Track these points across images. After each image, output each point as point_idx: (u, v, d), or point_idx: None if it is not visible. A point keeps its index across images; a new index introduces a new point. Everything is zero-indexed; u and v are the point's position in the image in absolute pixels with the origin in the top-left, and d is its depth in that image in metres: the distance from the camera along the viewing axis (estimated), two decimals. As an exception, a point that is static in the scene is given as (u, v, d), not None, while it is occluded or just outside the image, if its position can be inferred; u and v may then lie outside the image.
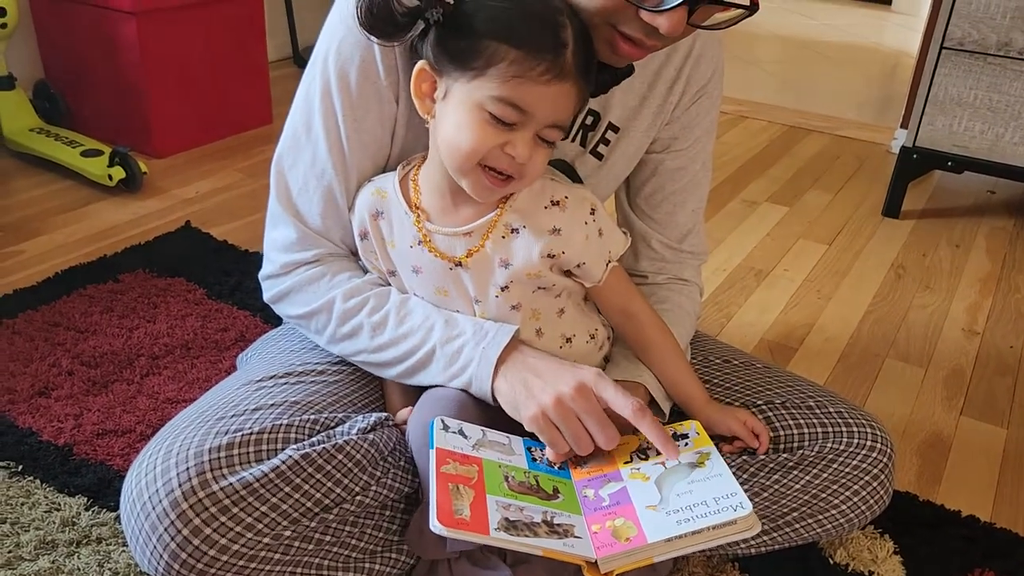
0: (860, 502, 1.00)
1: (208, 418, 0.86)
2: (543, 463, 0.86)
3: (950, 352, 1.66)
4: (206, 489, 0.78)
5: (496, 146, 0.81)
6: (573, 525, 0.79)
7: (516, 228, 0.88)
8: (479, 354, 0.87)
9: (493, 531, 0.74)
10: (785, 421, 1.01)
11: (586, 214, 0.89)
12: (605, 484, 0.84)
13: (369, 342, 0.92)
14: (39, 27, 2.29)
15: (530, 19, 0.79)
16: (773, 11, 4.45)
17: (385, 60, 0.89)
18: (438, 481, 0.76)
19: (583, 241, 0.89)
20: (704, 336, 1.17)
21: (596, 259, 0.91)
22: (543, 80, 0.79)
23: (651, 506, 0.79)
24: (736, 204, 2.24)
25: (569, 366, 0.87)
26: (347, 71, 0.89)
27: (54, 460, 1.20)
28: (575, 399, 0.83)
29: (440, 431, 0.82)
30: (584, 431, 0.84)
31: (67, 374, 1.38)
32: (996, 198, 2.39)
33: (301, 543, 0.83)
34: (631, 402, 0.83)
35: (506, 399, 0.86)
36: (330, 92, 0.91)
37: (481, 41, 0.79)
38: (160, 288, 1.63)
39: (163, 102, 2.21)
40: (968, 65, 2.01)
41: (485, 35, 0.79)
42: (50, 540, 1.07)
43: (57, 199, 2.00)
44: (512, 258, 0.88)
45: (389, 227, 0.92)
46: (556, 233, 0.88)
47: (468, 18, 0.79)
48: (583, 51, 0.81)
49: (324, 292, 0.95)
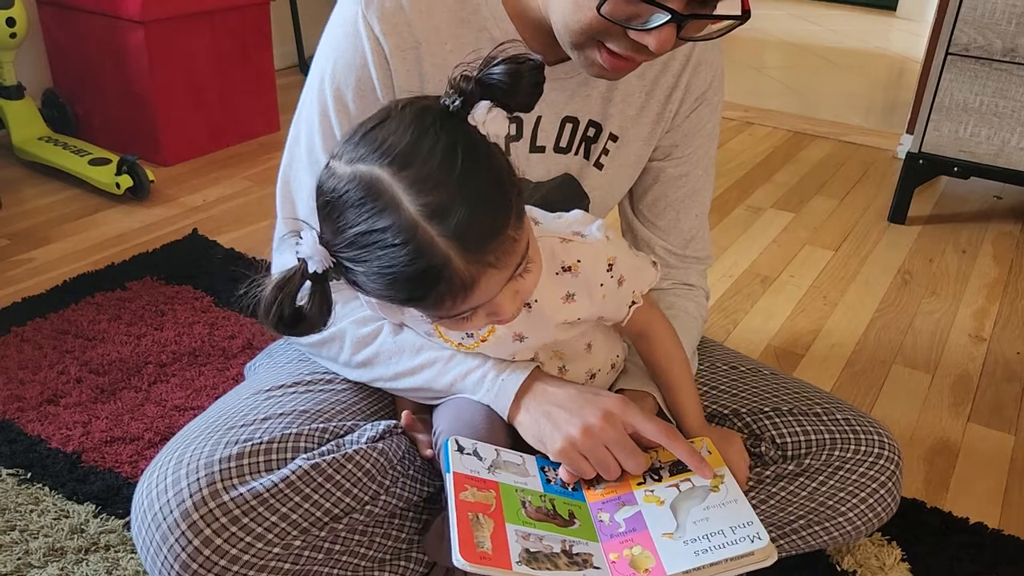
0: (867, 510, 1.00)
1: (218, 428, 0.86)
2: (557, 483, 0.86)
3: (957, 358, 1.66)
4: (217, 499, 0.78)
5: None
6: (591, 554, 0.79)
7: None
8: (498, 387, 0.86)
9: (515, 565, 0.74)
10: (792, 428, 1.01)
11: (601, 273, 0.85)
12: (620, 508, 0.83)
13: (385, 370, 0.92)
14: (48, 36, 2.31)
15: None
16: (778, 17, 4.45)
17: (381, 78, 0.88)
18: (458, 511, 0.76)
19: (600, 300, 0.86)
20: (711, 342, 1.17)
21: (616, 308, 0.89)
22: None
23: (667, 534, 0.79)
24: (742, 210, 2.24)
25: (591, 394, 0.86)
26: (343, 92, 0.89)
27: (62, 467, 1.20)
28: (603, 428, 0.83)
29: (455, 453, 0.82)
30: (612, 458, 0.83)
31: (75, 381, 1.38)
32: (1003, 203, 2.38)
33: (311, 552, 0.83)
34: (661, 427, 0.83)
35: (529, 432, 0.85)
36: (328, 114, 0.90)
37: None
38: (168, 296, 1.64)
39: (170, 110, 2.22)
40: (974, 71, 2.01)
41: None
42: (59, 547, 1.07)
43: (65, 207, 2.01)
44: (526, 333, 0.86)
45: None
46: (570, 299, 0.85)
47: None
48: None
49: (336, 319, 0.93)
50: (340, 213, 0.69)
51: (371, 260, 0.68)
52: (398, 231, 0.67)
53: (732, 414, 1.03)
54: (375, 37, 0.87)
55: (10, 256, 1.78)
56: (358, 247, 0.69)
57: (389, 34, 0.87)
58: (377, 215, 0.67)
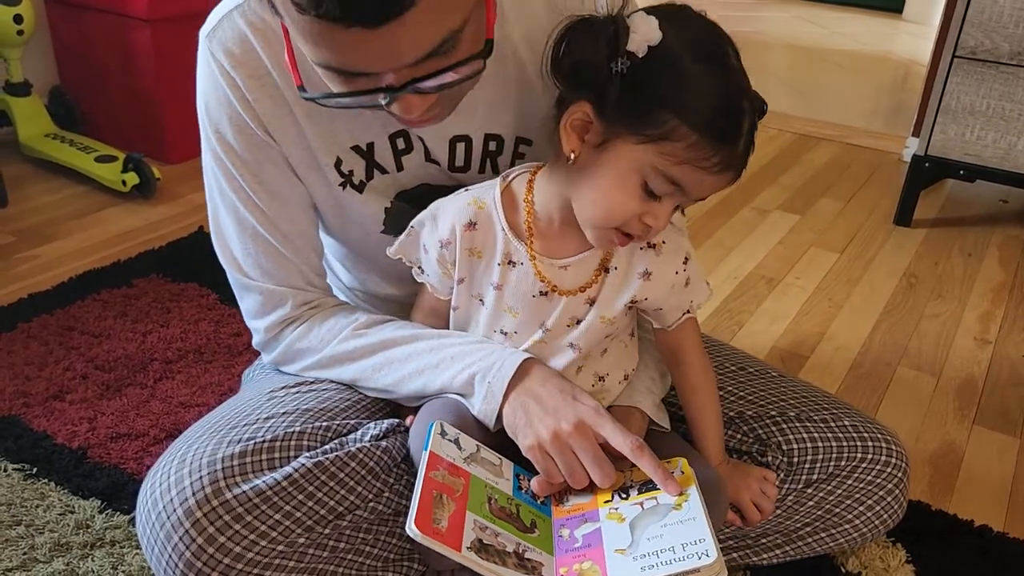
0: (874, 516, 1.00)
1: (221, 427, 0.86)
2: (528, 493, 0.86)
3: (962, 361, 1.65)
4: (219, 497, 0.78)
5: (637, 214, 0.79)
6: (542, 564, 0.79)
7: (608, 268, 0.87)
8: (485, 388, 0.86)
9: (465, 549, 0.74)
10: (799, 435, 1.00)
11: (679, 263, 0.87)
12: (582, 524, 0.83)
13: (380, 381, 0.92)
14: (55, 34, 2.32)
15: (715, 102, 0.74)
16: (784, 20, 4.45)
17: (246, 109, 0.86)
18: (424, 485, 0.77)
19: (668, 289, 0.88)
20: (719, 343, 1.17)
21: (674, 308, 0.90)
22: (714, 170, 0.76)
23: (620, 549, 0.78)
24: (747, 212, 2.24)
25: (571, 399, 0.85)
26: (223, 132, 0.88)
27: (68, 463, 1.20)
28: (572, 436, 0.82)
29: (437, 435, 0.83)
30: (580, 465, 0.83)
31: (81, 378, 1.39)
32: (1009, 207, 2.38)
33: (315, 550, 0.83)
34: (629, 440, 0.81)
35: (507, 421, 0.86)
36: (221, 156, 0.89)
37: (661, 110, 0.74)
38: (173, 293, 1.64)
39: (177, 108, 2.22)
40: (981, 74, 2.01)
41: (667, 106, 0.74)
42: (64, 542, 1.08)
43: (72, 204, 2.01)
44: (598, 297, 0.87)
45: (482, 239, 0.87)
46: (646, 277, 0.86)
47: (653, 78, 0.74)
48: (751, 137, 0.78)
49: (317, 349, 0.94)
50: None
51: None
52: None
53: (737, 417, 1.03)
54: (226, 72, 0.85)
55: (16, 252, 1.79)
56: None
57: (238, 65, 0.85)
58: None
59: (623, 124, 0.76)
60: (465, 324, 0.93)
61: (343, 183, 0.92)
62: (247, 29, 0.84)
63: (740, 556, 1.05)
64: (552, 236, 0.86)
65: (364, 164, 0.91)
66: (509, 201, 0.87)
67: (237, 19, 0.85)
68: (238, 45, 0.85)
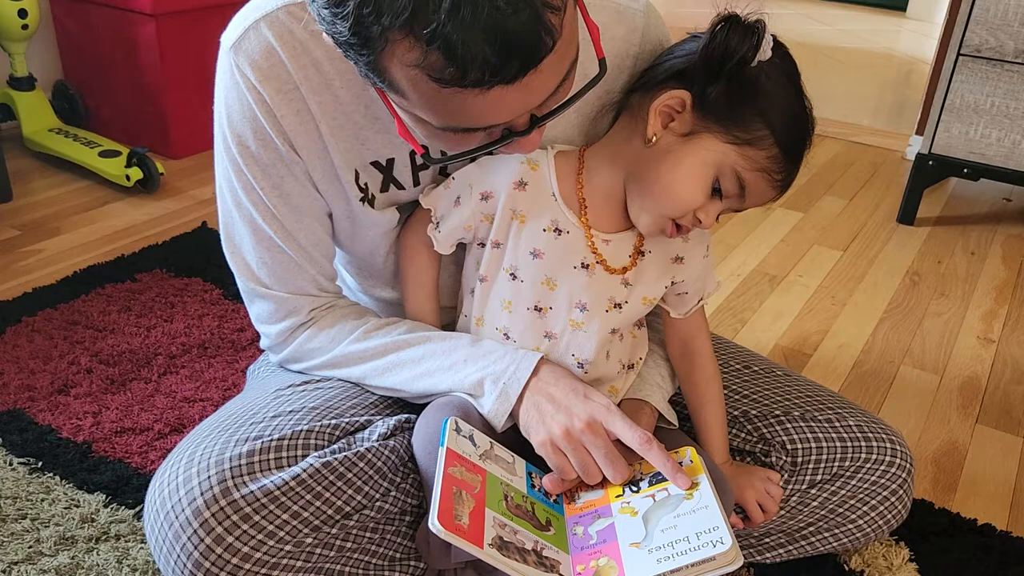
0: (878, 516, 1.00)
1: (228, 426, 0.86)
2: (541, 491, 0.86)
3: (965, 360, 1.65)
4: (228, 497, 0.78)
5: (696, 207, 0.83)
6: (559, 562, 0.79)
7: (643, 251, 0.90)
8: (499, 389, 0.87)
9: (487, 546, 0.74)
10: (803, 434, 1.01)
11: (704, 247, 0.93)
12: (595, 520, 0.83)
13: (389, 380, 0.93)
14: (59, 28, 2.31)
15: (800, 126, 0.82)
16: (787, 17, 4.44)
17: (272, 124, 0.84)
18: (444, 481, 0.77)
19: (697, 273, 0.92)
20: (724, 341, 1.17)
21: (695, 294, 0.94)
22: (777, 184, 0.83)
23: (635, 543, 0.79)
24: (750, 209, 2.24)
25: (582, 396, 0.85)
26: (247, 143, 0.85)
27: (73, 457, 1.21)
28: (584, 432, 0.83)
29: (452, 432, 0.83)
30: (593, 462, 0.83)
31: (86, 372, 1.39)
32: (1012, 206, 2.38)
33: (323, 550, 0.83)
34: (638, 434, 0.82)
35: (520, 418, 0.86)
36: (241, 167, 0.87)
37: (755, 119, 0.80)
38: (177, 288, 1.64)
39: (181, 103, 2.22)
40: (985, 72, 2.01)
41: (761, 117, 0.80)
42: (69, 536, 1.08)
43: (75, 199, 2.01)
44: (635, 280, 0.89)
45: (529, 202, 0.87)
46: (679, 261, 0.91)
47: (759, 88, 0.80)
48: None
49: (327, 349, 0.94)
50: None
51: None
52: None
53: (742, 416, 1.03)
54: (252, 86, 0.82)
55: (20, 247, 1.79)
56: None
57: (265, 80, 0.82)
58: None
59: (716, 120, 0.80)
60: (487, 300, 0.91)
61: (362, 198, 0.91)
62: (275, 41, 0.81)
63: (743, 555, 1.05)
64: (598, 209, 0.88)
65: (381, 179, 0.91)
66: (560, 170, 0.89)
67: (264, 29, 0.82)
68: (265, 58, 0.82)
